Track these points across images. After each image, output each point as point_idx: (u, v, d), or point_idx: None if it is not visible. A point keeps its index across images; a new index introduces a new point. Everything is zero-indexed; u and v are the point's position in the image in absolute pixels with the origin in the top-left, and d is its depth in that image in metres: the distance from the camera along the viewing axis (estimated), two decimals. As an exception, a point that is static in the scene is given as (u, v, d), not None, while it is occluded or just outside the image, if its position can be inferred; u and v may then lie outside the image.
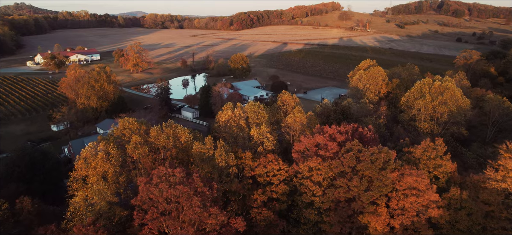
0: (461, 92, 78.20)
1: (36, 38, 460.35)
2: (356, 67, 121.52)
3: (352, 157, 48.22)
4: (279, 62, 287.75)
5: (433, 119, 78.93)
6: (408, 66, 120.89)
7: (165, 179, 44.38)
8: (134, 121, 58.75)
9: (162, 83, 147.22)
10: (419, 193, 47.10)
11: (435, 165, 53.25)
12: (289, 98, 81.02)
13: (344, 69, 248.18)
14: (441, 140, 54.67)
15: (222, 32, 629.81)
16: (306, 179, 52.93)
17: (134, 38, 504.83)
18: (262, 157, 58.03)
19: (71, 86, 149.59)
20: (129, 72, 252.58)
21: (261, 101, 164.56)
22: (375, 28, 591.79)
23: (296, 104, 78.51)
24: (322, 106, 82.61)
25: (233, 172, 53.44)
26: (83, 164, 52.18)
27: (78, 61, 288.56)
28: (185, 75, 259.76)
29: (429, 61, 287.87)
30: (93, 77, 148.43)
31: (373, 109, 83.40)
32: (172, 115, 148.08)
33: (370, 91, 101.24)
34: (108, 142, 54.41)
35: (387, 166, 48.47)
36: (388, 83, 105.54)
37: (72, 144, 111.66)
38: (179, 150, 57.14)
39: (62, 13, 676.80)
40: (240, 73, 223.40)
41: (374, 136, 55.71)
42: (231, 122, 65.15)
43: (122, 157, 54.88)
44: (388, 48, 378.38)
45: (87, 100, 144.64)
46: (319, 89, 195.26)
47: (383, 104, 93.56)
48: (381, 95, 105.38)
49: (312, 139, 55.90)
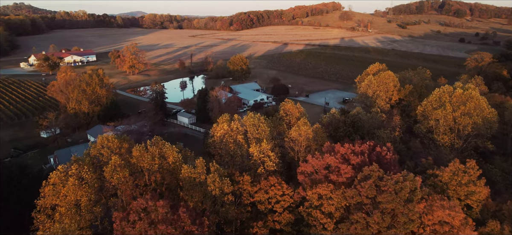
0: (486, 101, 69.76)
1: (33, 38, 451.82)
2: (364, 71, 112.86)
3: (372, 186, 40.08)
4: (279, 63, 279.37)
5: (453, 131, 70.74)
6: (420, 70, 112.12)
7: (145, 215, 36.24)
8: (114, 138, 50.47)
9: (157, 87, 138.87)
10: (453, 230, 38.97)
11: (468, 192, 45.10)
12: (293, 108, 72.68)
13: (347, 71, 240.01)
14: (473, 162, 46.53)
15: (222, 32, 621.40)
16: (315, 209, 44.79)
17: (132, 39, 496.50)
18: (262, 179, 49.91)
19: (62, 90, 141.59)
20: (125, 74, 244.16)
21: (261, 106, 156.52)
22: (377, 29, 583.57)
23: (300, 115, 70.17)
24: (329, 117, 74.32)
25: (229, 200, 45.28)
26: (52, 191, 44.05)
27: (73, 62, 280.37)
28: (183, 77, 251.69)
29: (434, 62, 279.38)
30: (84, 81, 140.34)
31: (386, 120, 75.21)
32: (168, 121, 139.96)
33: (380, 99, 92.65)
34: (82, 163, 46.23)
35: (414, 197, 40.32)
36: (400, 90, 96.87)
37: (58, 154, 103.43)
38: (167, 172, 48.97)
39: (60, 13, 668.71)
40: (239, 75, 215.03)
41: (394, 157, 47.59)
42: (227, 138, 56.97)
43: (100, 180, 46.74)
44: (391, 49, 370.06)
45: (78, 105, 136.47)
46: (322, 92, 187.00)
47: (395, 113, 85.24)
48: (392, 103, 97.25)
49: (321, 160, 47.79)
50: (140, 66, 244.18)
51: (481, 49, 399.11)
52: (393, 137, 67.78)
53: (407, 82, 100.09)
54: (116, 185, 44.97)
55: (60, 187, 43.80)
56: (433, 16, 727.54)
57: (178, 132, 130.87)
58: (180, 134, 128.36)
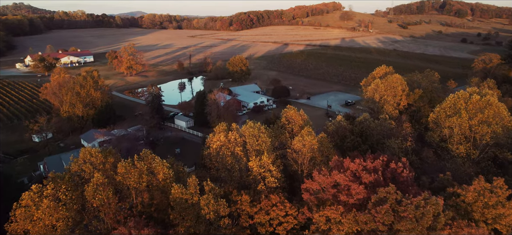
0: (506, 108, 64.32)
1: (31, 38, 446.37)
2: (370, 74, 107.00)
3: (389, 211, 34.88)
4: (280, 64, 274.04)
5: (469, 140, 65.47)
6: (428, 73, 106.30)
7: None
8: (98, 152, 45.15)
9: (153, 90, 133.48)
10: (483, 263, 33.86)
11: (496, 215, 39.85)
12: (296, 115, 67.19)
13: (349, 72, 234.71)
14: (501, 181, 41.28)
15: (222, 32, 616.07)
16: (322, 234, 39.58)
17: (131, 39, 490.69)
18: (263, 198, 44.68)
19: (55, 93, 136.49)
20: (123, 75, 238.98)
21: (261, 109, 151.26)
22: (378, 29, 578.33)
23: (304, 123, 64.66)
24: (335, 124, 68.84)
25: (226, 224, 40.02)
26: (24, 214, 38.74)
27: (70, 63, 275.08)
28: (182, 78, 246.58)
29: (437, 63, 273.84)
30: (78, 83, 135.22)
31: (395, 127, 69.69)
32: (165, 125, 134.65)
33: (388, 104, 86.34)
34: (60, 182, 40.93)
35: (437, 224, 35.13)
36: (408, 94, 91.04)
37: (48, 160, 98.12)
38: (156, 189, 43.68)
39: (58, 13, 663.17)
40: (239, 77, 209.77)
41: (411, 175, 42.35)
42: (224, 150, 51.72)
43: (81, 200, 41.50)
44: (392, 49, 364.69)
45: (72, 108, 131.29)
46: (324, 95, 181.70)
47: (404, 119, 79.70)
48: (401, 108, 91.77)
49: (329, 177, 42.57)
50: (137, 67, 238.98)
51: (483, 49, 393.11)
52: (405, 147, 62.47)
53: (415, 86, 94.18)
54: (98, 207, 39.73)
55: (34, 210, 38.49)
56: (434, 16, 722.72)
57: (175, 136, 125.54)
58: (177, 138, 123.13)
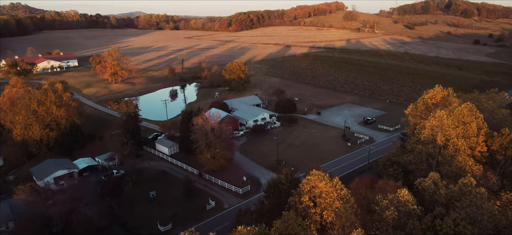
0: None
1: (18, 40, 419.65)
2: (419, 98, 73.03)
3: None
4: (282, 69, 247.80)
5: None
6: (493, 96, 76.93)
7: None
8: None
9: (127, 108, 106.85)
10: None
11: None
12: (327, 187, 39.31)
13: (361, 79, 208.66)
14: None
15: (220, 33, 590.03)
16: None
17: (124, 40, 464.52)
18: None
19: (6, 112, 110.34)
20: (107, 82, 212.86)
21: (263, 128, 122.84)
22: (383, 29, 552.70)
23: (341, 203, 37.07)
24: (397, 208, 40.05)
25: None
26: None
27: (50, 68, 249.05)
28: (173, 85, 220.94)
29: (458, 68, 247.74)
30: (35, 99, 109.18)
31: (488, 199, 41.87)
32: (142, 151, 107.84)
33: (463, 152, 57.19)
34: None
35: None
36: (491, 136, 62.09)
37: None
38: None
39: (50, 13, 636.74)
40: (236, 85, 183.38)
41: None
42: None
43: None
44: (404, 52, 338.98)
45: (27, 131, 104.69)
46: (336, 108, 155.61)
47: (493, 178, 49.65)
48: (477, 156, 61.59)
49: None
50: (123, 74, 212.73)
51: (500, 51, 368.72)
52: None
53: (489, 117, 63.98)
54: None
55: None
56: (440, 17, 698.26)
57: (155, 167, 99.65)
58: (156, 171, 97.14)
